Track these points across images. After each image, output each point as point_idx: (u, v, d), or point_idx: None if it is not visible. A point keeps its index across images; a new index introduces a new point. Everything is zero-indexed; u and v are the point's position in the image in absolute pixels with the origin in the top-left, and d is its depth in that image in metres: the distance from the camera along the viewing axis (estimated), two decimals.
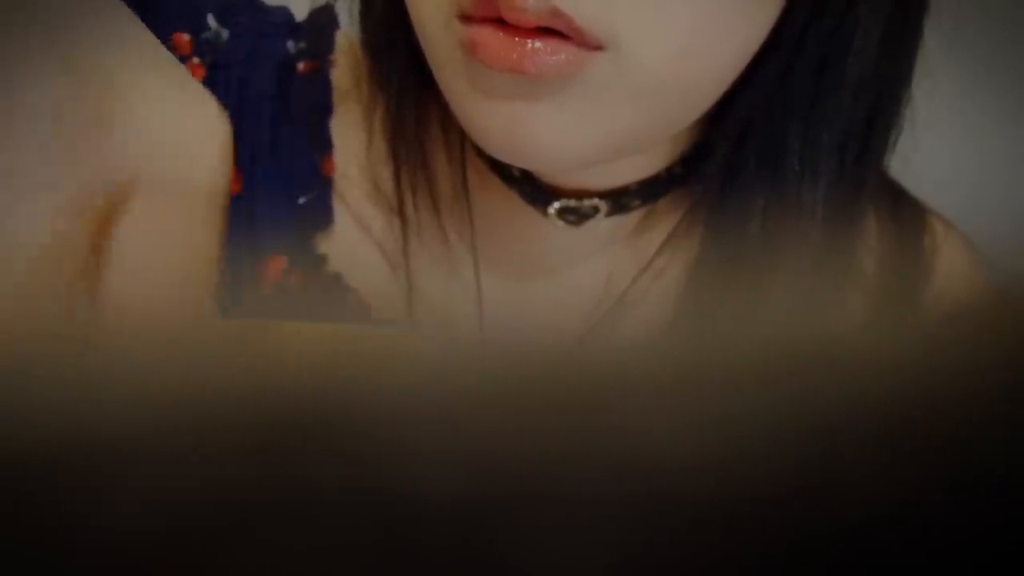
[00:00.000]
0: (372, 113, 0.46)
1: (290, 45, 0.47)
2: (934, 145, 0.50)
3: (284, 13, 0.48)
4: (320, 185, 0.46)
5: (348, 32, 0.49)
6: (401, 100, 0.44)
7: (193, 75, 0.44)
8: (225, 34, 0.45)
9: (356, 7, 0.47)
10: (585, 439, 0.10)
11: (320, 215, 0.46)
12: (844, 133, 0.43)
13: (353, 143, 0.47)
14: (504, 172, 0.45)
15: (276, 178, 0.45)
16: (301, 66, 0.47)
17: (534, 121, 0.37)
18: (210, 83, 0.44)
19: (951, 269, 0.50)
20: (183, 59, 0.44)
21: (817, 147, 0.42)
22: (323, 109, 0.47)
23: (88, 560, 0.09)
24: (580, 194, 0.44)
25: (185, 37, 0.44)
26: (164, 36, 0.43)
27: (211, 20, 0.45)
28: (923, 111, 0.47)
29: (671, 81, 0.37)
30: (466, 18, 0.36)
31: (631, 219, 0.47)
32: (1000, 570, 0.09)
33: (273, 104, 0.45)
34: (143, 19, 0.42)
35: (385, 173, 0.46)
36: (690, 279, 0.47)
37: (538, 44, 0.35)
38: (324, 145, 0.46)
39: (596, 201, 0.44)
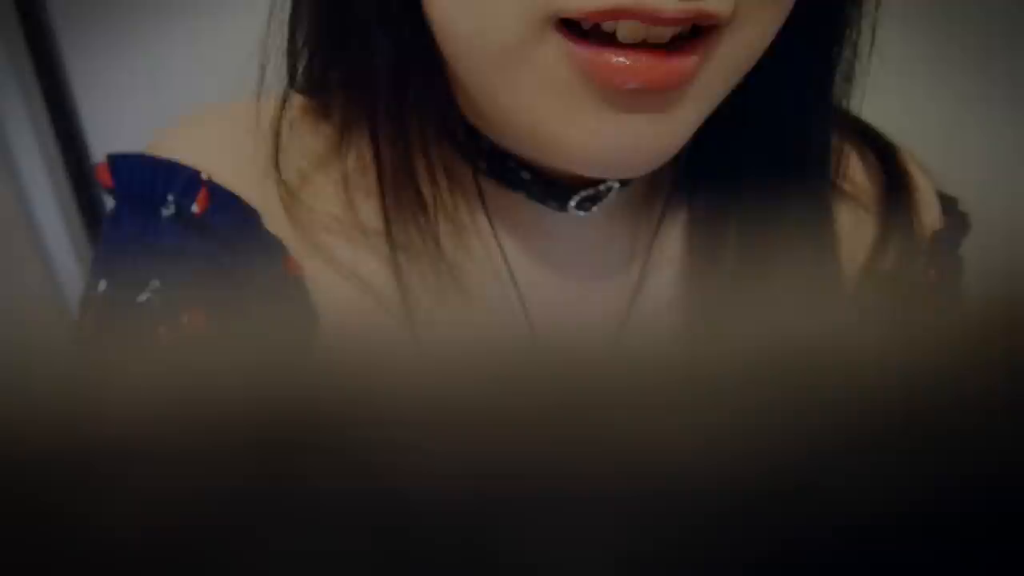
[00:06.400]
0: (333, 175, 0.44)
1: (169, 200, 0.42)
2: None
3: (125, 196, 0.43)
4: (292, 288, 0.43)
5: (194, 130, 0.45)
6: (399, 136, 0.41)
7: (198, 323, 0.40)
8: (157, 284, 0.41)
9: (303, 58, 0.43)
10: (588, 439, 0.10)
11: (306, 317, 0.43)
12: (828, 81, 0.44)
13: (324, 204, 0.44)
14: (510, 179, 0.44)
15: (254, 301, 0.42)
16: (195, 208, 0.42)
17: (650, 130, 0.36)
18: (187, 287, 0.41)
19: (924, 185, 0.52)
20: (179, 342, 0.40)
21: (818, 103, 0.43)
22: (248, 221, 0.43)
23: (88, 560, 0.09)
24: (597, 180, 0.44)
25: (162, 330, 0.40)
26: (150, 343, 0.40)
27: (155, 283, 0.41)
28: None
29: (757, 55, 0.37)
30: (574, 39, 0.34)
31: (635, 187, 0.47)
32: (1000, 568, 0.09)
33: (209, 258, 0.42)
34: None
35: (371, 222, 0.44)
36: (692, 235, 0.47)
37: (683, 58, 0.34)
38: (275, 249, 0.43)
39: (610, 182, 0.44)
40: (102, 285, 0.43)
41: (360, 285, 0.44)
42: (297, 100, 0.45)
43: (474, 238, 0.45)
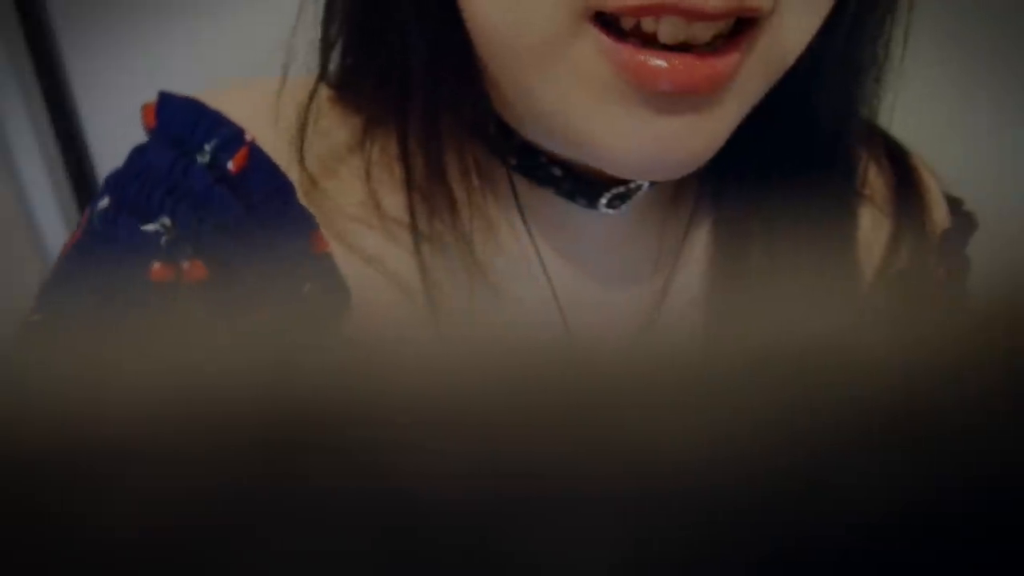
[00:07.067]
0: (362, 155, 0.43)
1: (206, 149, 0.41)
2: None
3: (165, 139, 0.42)
4: (318, 265, 0.42)
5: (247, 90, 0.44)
6: (425, 126, 0.41)
7: (197, 275, 0.39)
8: (168, 221, 0.40)
9: (339, 48, 0.43)
10: (593, 438, 0.10)
11: (332, 296, 0.42)
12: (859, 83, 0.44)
13: (347, 195, 0.43)
14: (540, 176, 0.43)
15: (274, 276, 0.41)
16: (231, 165, 0.41)
17: (687, 134, 0.35)
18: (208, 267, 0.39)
19: (935, 189, 0.52)
20: (172, 286, 0.39)
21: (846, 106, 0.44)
22: (281, 190, 0.42)
23: (87, 560, 0.09)
24: (627, 178, 0.43)
25: (157, 266, 0.39)
26: (144, 274, 0.39)
27: (165, 220, 0.40)
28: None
29: (798, 51, 0.36)
30: (613, 38, 0.34)
31: (663, 187, 0.46)
32: (1001, 568, 0.09)
33: (236, 217, 0.40)
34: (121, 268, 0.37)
35: (398, 209, 0.43)
36: (718, 235, 0.47)
37: (723, 58, 0.33)
38: (304, 223, 0.42)
39: (640, 181, 0.43)
40: (104, 201, 0.41)
41: (384, 277, 0.43)
42: (326, 92, 0.44)
43: (508, 235, 0.45)
